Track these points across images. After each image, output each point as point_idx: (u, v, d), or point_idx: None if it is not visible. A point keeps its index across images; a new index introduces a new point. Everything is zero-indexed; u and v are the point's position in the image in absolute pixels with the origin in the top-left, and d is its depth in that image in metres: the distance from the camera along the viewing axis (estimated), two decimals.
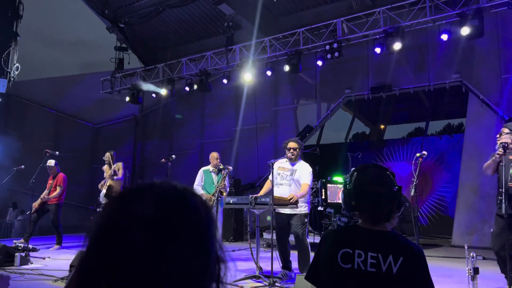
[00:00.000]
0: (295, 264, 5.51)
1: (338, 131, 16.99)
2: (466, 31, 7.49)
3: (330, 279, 1.66)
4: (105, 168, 8.08)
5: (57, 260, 6.70)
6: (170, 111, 14.01)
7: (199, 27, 12.47)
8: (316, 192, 8.15)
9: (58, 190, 8.14)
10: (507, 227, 4.25)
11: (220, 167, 6.71)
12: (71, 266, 5.33)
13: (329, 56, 8.82)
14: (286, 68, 9.51)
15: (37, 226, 8.10)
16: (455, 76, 9.17)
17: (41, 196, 8.07)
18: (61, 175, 8.29)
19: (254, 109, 11.38)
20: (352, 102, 11.44)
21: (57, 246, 8.03)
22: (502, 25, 8.55)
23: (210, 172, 6.84)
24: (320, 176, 8.64)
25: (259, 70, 10.43)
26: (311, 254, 4.87)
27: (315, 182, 7.94)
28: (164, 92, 11.61)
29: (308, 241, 5.49)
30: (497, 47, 8.65)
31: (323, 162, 9.55)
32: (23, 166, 8.00)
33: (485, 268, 4.61)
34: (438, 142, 11.12)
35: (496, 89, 8.68)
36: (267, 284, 4.84)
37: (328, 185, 8.50)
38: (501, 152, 4.33)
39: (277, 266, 5.26)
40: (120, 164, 8.04)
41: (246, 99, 11.94)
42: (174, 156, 7.41)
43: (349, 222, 7.34)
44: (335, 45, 8.72)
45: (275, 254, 5.16)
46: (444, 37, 8.06)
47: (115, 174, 7.80)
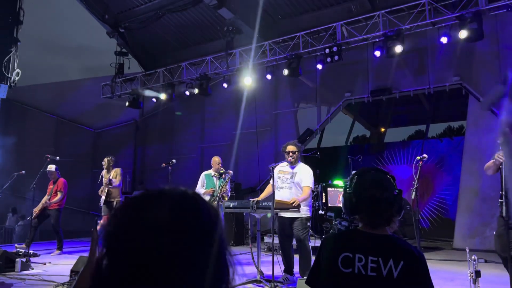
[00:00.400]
0: (297, 268, 5.50)
1: (338, 134, 17.01)
2: (465, 34, 7.50)
3: (330, 284, 1.66)
4: (103, 174, 8.08)
5: (58, 266, 6.68)
6: (170, 115, 14.03)
7: (199, 31, 12.51)
8: (316, 195, 8.14)
9: (59, 196, 8.13)
10: (507, 229, 4.25)
11: (221, 171, 6.71)
12: (72, 271, 5.32)
13: (329, 59, 8.84)
14: (286, 72, 9.53)
15: (38, 231, 8.09)
16: (455, 78, 9.18)
17: (42, 201, 8.07)
18: (61, 180, 8.29)
19: (254, 112, 11.38)
20: (352, 105, 11.44)
21: (57, 252, 8.01)
22: (501, 27, 8.57)
23: (212, 176, 6.84)
24: (321, 179, 8.63)
25: (259, 74, 10.45)
26: (313, 258, 4.86)
27: (316, 186, 7.94)
28: (164, 96, 11.63)
29: (310, 245, 5.48)
30: (496, 49, 8.66)
31: (323, 166, 9.54)
32: (23, 171, 8.00)
33: (487, 271, 4.60)
34: (438, 145, 11.12)
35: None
36: None
37: (328, 189, 8.49)
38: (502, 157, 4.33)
39: (278, 270, 5.25)
40: (119, 170, 8.03)
41: (246, 103, 11.95)
42: (174, 160, 7.41)
43: (349, 226, 7.32)
44: (335, 48, 8.75)
45: (276, 258, 5.15)
46: (444, 40, 8.09)
47: (110, 183, 7.80)
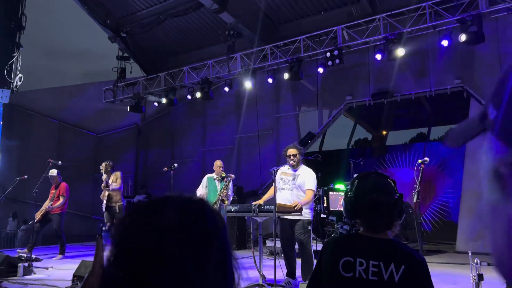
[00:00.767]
0: (299, 272, 5.49)
1: (340, 137, 16.99)
2: (466, 37, 7.51)
3: None
4: (104, 178, 8.08)
5: (60, 270, 6.69)
6: (172, 119, 14.06)
7: (200, 35, 12.55)
8: (318, 199, 8.13)
9: (61, 200, 8.14)
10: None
11: (223, 175, 6.73)
12: (74, 276, 5.32)
13: (330, 63, 8.86)
14: (286, 76, 9.56)
15: (40, 236, 8.09)
16: (456, 81, 9.18)
17: (44, 206, 8.07)
18: (63, 185, 8.30)
19: (255, 116, 11.40)
20: (353, 108, 11.45)
21: (60, 256, 8.02)
22: (502, 30, 8.57)
23: (214, 179, 6.86)
24: (323, 183, 8.62)
25: (260, 78, 10.48)
26: (315, 262, 4.85)
27: (318, 190, 7.94)
28: (165, 100, 11.66)
29: (312, 248, 5.46)
30: (497, 52, 8.66)
31: (325, 169, 9.53)
32: (26, 176, 8.02)
33: (490, 275, 4.58)
34: (440, 148, 11.10)
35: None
36: None
37: (330, 192, 8.49)
38: None
39: (280, 274, 5.24)
40: (119, 174, 8.03)
41: (248, 106, 11.97)
42: (176, 164, 7.42)
43: (351, 230, 7.31)
44: (336, 52, 8.76)
45: (278, 262, 5.14)
46: (445, 43, 8.09)
47: (107, 185, 7.81)
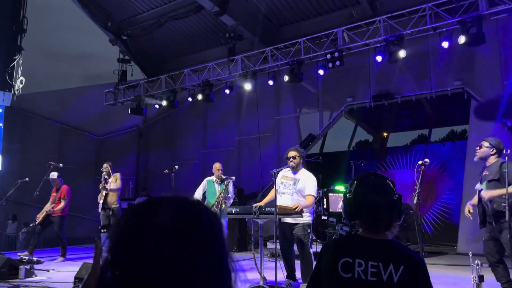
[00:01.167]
0: (299, 274, 5.49)
1: (340, 139, 16.98)
2: (466, 38, 7.51)
3: None
4: (102, 182, 8.07)
5: (61, 273, 6.69)
6: (173, 122, 14.08)
7: (201, 38, 12.58)
8: (318, 201, 8.14)
9: (63, 203, 8.15)
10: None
11: (222, 177, 6.73)
12: (75, 278, 5.32)
13: (330, 65, 8.86)
14: (286, 78, 9.58)
15: (41, 238, 8.10)
16: (457, 83, 9.18)
17: (45, 208, 8.08)
18: (64, 187, 8.31)
19: (256, 118, 11.41)
20: (354, 110, 11.45)
21: (61, 258, 8.02)
22: (502, 31, 8.58)
23: (213, 182, 6.87)
24: (324, 184, 8.63)
25: (261, 80, 10.50)
26: (314, 263, 4.85)
27: (318, 191, 7.94)
28: (166, 103, 11.68)
29: (312, 250, 5.47)
30: (498, 53, 8.66)
31: (326, 171, 9.54)
32: (27, 179, 8.03)
33: (490, 276, 4.58)
34: (441, 149, 11.10)
35: (498, 95, 8.69)
36: None
37: (329, 194, 8.49)
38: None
39: (281, 276, 5.24)
40: (118, 175, 8.04)
41: (248, 108, 11.99)
42: (177, 166, 7.43)
43: (351, 231, 7.31)
44: (336, 54, 8.77)
45: (279, 264, 5.14)
46: (445, 44, 8.10)
47: (106, 182, 7.81)
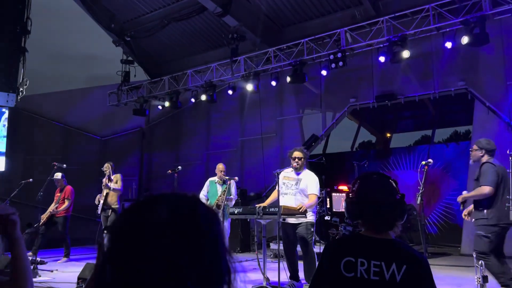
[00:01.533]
0: (303, 275, 5.48)
1: (344, 140, 16.97)
2: (470, 39, 7.49)
3: None
4: (104, 180, 8.08)
5: (65, 273, 6.72)
6: (176, 123, 14.11)
7: (204, 39, 12.60)
8: (322, 201, 8.13)
9: (67, 203, 8.18)
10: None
11: (226, 178, 6.73)
12: (79, 278, 5.34)
13: (333, 65, 8.86)
14: (289, 79, 9.59)
15: (45, 238, 8.13)
16: (461, 83, 9.15)
17: (49, 209, 8.11)
18: (68, 188, 8.34)
19: (259, 119, 11.42)
20: (357, 111, 11.43)
21: (65, 259, 8.05)
22: (506, 32, 8.55)
23: (215, 183, 6.87)
24: (327, 185, 8.62)
25: (264, 81, 10.50)
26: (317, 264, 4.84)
27: (321, 192, 7.93)
28: (169, 104, 11.71)
29: (315, 250, 5.46)
30: (501, 54, 8.63)
31: (329, 172, 9.53)
32: (31, 179, 8.06)
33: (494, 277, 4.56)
34: (445, 150, 11.07)
35: (501, 95, 8.66)
36: None
37: (333, 194, 8.48)
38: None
39: (284, 276, 5.24)
40: (119, 176, 8.03)
41: (251, 109, 11.99)
42: (180, 167, 7.44)
43: (354, 231, 7.30)
44: (339, 54, 8.76)
45: (282, 264, 5.14)
46: (448, 44, 8.07)
47: (109, 180, 7.79)
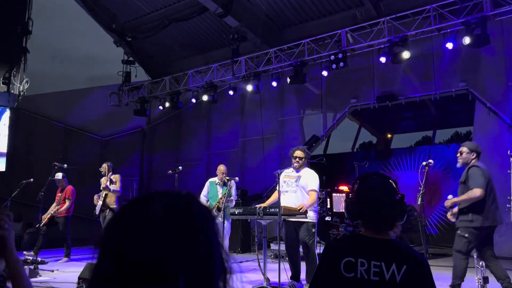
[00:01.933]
0: (304, 275, 5.48)
1: (344, 140, 16.97)
2: (468, 40, 7.49)
3: None
4: (102, 181, 8.03)
5: (65, 273, 6.71)
6: (177, 123, 14.11)
7: (205, 39, 12.61)
8: (322, 202, 8.13)
9: (67, 203, 8.17)
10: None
11: (226, 179, 6.72)
12: (79, 278, 5.34)
13: (334, 66, 8.86)
14: (289, 80, 9.60)
15: (46, 239, 8.13)
16: (461, 84, 9.15)
17: (50, 209, 8.10)
18: (69, 188, 8.33)
19: (260, 119, 11.42)
20: (358, 111, 11.43)
21: (65, 259, 8.05)
22: (507, 33, 8.54)
23: (216, 184, 6.86)
24: (327, 186, 8.61)
25: (264, 81, 10.50)
26: None
27: (321, 192, 7.92)
28: (170, 104, 11.71)
29: (316, 251, 5.45)
30: (502, 54, 8.63)
31: (330, 172, 9.52)
32: (32, 179, 8.06)
33: (494, 278, 4.56)
34: (446, 151, 11.05)
35: (502, 96, 8.65)
36: None
37: (333, 194, 8.48)
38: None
39: (284, 277, 5.23)
40: (118, 176, 7.97)
41: (252, 110, 12.00)
42: (181, 167, 7.43)
43: (354, 231, 7.29)
44: (340, 55, 8.77)
45: (283, 265, 5.14)
46: (449, 45, 8.07)
47: (111, 182, 7.73)
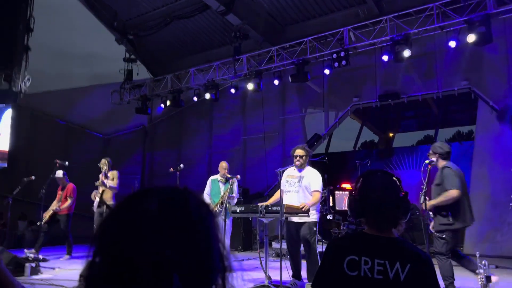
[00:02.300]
0: (305, 273, 5.47)
1: (346, 139, 16.94)
2: (474, 38, 7.45)
3: (336, 287, 1.64)
4: (101, 177, 8.00)
5: (67, 270, 6.72)
6: (178, 121, 14.11)
7: (207, 37, 12.59)
8: (324, 200, 8.11)
9: (69, 201, 8.18)
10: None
11: (228, 176, 6.71)
12: (81, 276, 5.33)
13: (336, 64, 8.83)
14: (291, 78, 9.57)
15: (47, 236, 8.14)
16: (464, 83, 9.11)
17: (51, 207, 8.11)
18: (70, 186, 8.34)
19: (262, 118, 11.40)
20: (360, 110, 11.39)
21: (67, 256, 8.06)
22: (510, 31, 8.50)
23: (218, 181, 6.86)
24: (329, 185, 8.60)
25: (266, 79, 10.48)
26: None
27: (324, 190, 7.91)
28: (171, 102, 11.70)
29: (318, 250, 5.44)
30: (505, 53, 8.59)
31: (331, 171, 9.50)
32: (33, 177, 8.07)
33: (497, 277, 4.54)
34: None
35: (505, 95, 8.62)
36: None
37: (335, 192, 8.46)
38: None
39: (286, 275, 5.23)
40: (116, 173, 7.95)
41: (254, 108, 11.98)
42: (182, 165, 7.41)
43: (356, 229, 7.28)
44: (342, 53, 8.74)
45: (284, 263, 5.13)
46: (452, 44, 8.04)
47: (105, 177, 7.69)
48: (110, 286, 0.73)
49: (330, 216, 8.20)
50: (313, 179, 5.42)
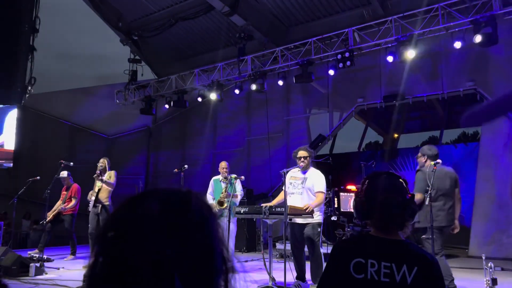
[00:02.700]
0: (309, 275, 5.45)
1: (351, 140, 16.88)
2: (479, 38, 7.41)
3: None
4: (97, 172, 7.92)
5: (71, 271, 6.74)
6: (182, 122, 14.13)
7: (211, 38, 12.60)
8: (328, 202, 8.08)
9: (73, 201, 8.21)
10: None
11: (230, 176, 6.69)
12: (85, 276, 5.35)
13: (341, 65, 8.81)
14: (295, 80, 9.56)
15: (51, 236, 8.17)
16: (469, 83, 9.06)
17: (55, 207, 8.13)
18: (75, 186, 8.36)
19: (266, 118, 11.39)
20: (364, 111, 11.37)
21: (71, 257, 8.09)
22: None
23: (220, 181, 6.85)
24: (334, 186, 8.57)
25: (271, 80, 10.47)
26: (324, 264, 4.81)
27: (328, 192, 7.88)
28: (175, 103, 11.71)
29: (322, 251, 5.43)
30: (510, 54, 8.53)
31: (336, 172, 9.48)
32: (38, 177, 8.10)
33: (503, 279, 4.51)
34: (453, 151, 10.98)
35: (510, 96, 8.56)
36: None
37: (340, 193, 8.43)
38: None
39: (290, 277, 5.21)
40: (113, 173, 7.89)
41: (258, 109, 11.97)
42: (186, 166, 7.43)
43: (362, 231, 7.25)
44: (347, 54, 8.72)
45: (289, 264, 5.11)
46: (457, 44, 7.99)
47: (101, 174, 7.60)
48: (111, 286, 0.72)
49: (334, 218, 8.17)
50: (316, 180, 5.41)
